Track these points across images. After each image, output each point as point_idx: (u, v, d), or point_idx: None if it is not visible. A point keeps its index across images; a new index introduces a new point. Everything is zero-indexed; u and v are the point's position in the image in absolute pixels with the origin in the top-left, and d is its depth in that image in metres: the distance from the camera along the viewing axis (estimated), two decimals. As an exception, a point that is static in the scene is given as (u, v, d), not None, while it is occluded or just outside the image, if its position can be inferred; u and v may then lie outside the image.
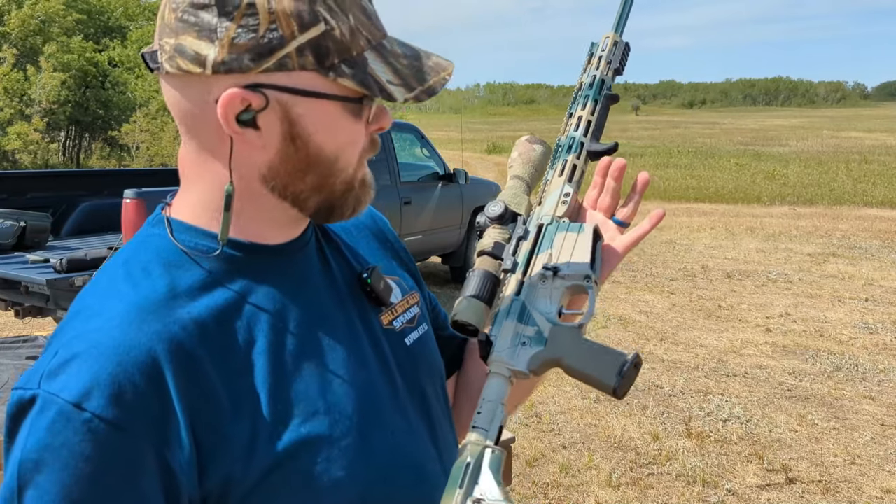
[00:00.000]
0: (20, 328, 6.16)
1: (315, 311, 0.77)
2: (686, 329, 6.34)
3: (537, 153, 0.93)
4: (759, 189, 16.59)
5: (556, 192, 0.89)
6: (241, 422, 0.67)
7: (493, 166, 22.02)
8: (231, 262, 0.73)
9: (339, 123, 0.70)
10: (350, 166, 0.73)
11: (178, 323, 0.67)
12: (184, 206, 0.75)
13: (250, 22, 0.64)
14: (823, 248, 10.09)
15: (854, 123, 50.72)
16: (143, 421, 0.62)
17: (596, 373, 0.75)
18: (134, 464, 0.62)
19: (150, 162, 18.29)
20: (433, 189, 7.36)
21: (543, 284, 0.82)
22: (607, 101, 0.93)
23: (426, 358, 0.89)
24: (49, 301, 4.45)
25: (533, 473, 3.79)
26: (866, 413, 4.58)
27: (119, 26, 24.37)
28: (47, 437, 0.61)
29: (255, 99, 0.66)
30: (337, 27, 0.66)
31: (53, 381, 0.62)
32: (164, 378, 0.64)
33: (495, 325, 0.81)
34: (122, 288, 0.69)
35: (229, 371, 0.68)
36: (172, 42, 0.66)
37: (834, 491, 3.63)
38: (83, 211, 5.99)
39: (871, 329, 6.33)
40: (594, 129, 0.92)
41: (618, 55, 0.95)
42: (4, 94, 17.95)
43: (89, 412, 0.61)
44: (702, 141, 33.67)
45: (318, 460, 0.70)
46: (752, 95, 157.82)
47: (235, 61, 0.65)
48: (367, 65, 0.68)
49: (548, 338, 0.78)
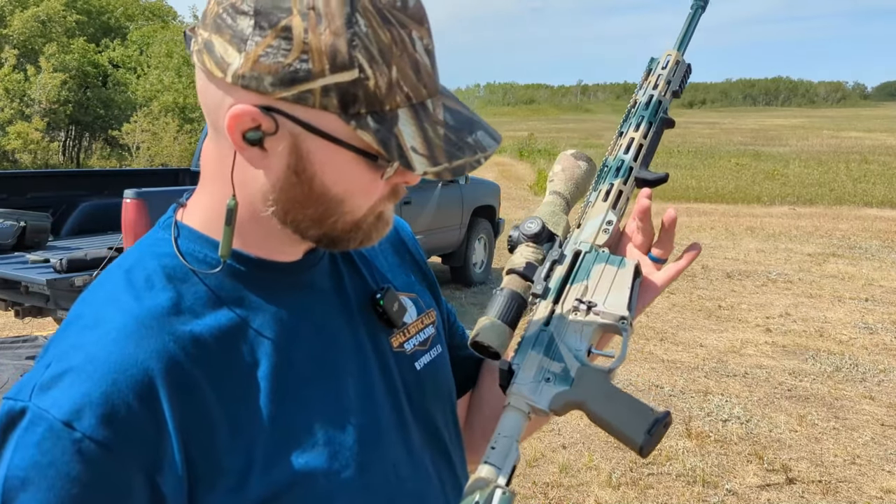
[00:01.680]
0: (20, 328, 6.16)
1: (323, 332, 0.74)
2: (686, 329, 6.34)
3: (581, 170, 0.87)
4: (759, 189, 16.59)
5: (598, 218, 0.83)
6: (237, 449, 0.64)
7: (494, 166, 22.02)
8: (237, 278, 0.70)
9: (351, 171, 0.65)
10: (359, 211, 0.68)
11: (177, 341, 0.64)
12: (197, 210, 0.73)
13: (282, 45, 0.60)
14: (823, 248, 10.09)
15: (854, 123, 50.73)
16: (134, 443, 0.60)
17: (623, 427, 0.72)
18: (122, 487, 0.60)
19: (150, 162, 18.29)
20: (433, 189, 7.36)
21: (575, 318, 0.77)
22: (662, 126, 0.87)
23: (436, 383, 0.85)
24: (49, 301, 4.45)
25: (533, 473, 3.79)
26: (866, 413, 4.58)
27: (119, 26, 24.37)
28: (35, 455, 0.59)
29: (266, 122, 0.63)
30: (373, 77, 0.61)
31: (45, 395, 0.60)
32: (159, 399, 0.61)
33: (519, 353, 0.76)
34: (122, 298, 0.66)
35: (228, 395, 0.65)
36: (206, 36, 0.64)
37: (834, 491, 3.63)
38: (83, 211, 5.99)
39: (871, 329, 6.33)
40: (645, 153, 0.86)
41: (678, 76, 0.90)
42: (5, 95, 17.96)
43: (80, 432, 0.58)
44: (702, 141, 33.67)
45: (315, 495, 0.67)
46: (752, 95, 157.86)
47: (255, 80, 0.61)
48: (397, 124, 0.62)
49: (574, 378, 0.74)
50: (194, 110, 19.76)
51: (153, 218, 4.38)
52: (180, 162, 16.77)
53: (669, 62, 0.89)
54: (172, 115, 19.08)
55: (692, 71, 0.91)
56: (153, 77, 20.77)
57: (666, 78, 0.89)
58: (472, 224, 7.90)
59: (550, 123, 56.43)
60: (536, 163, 23.26)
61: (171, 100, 19.73)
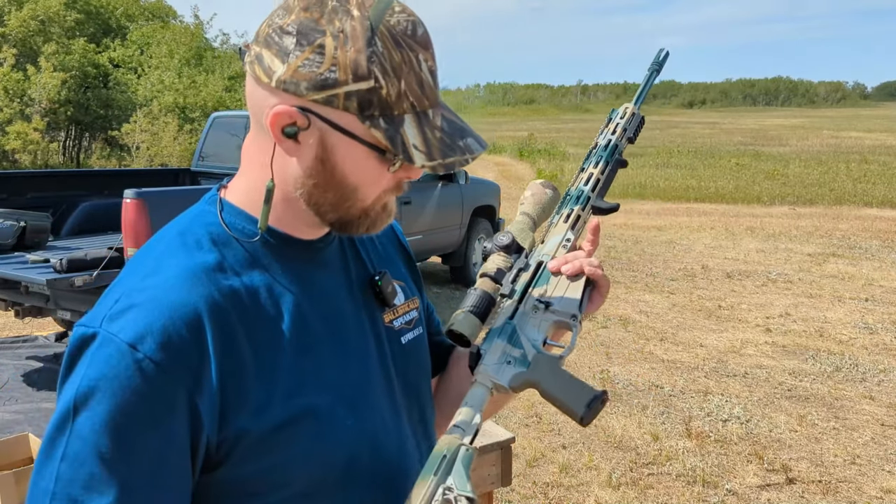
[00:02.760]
0: (20, 328, 6.16)
1: (332, 301, 0.89)
2: (686, 329, 6.34)
3: (547, 197, 1.03)
4: (759, 189, 16.59)
5: (559, 236, 0.99)
6: (260, 384, 0.79)
7: (493, 166, 22.02)
8: (268, 248, 0.86)
9: (366, 163, 0.80)
10: (368, 198, 0.83)
11: (220, 291, 0.79)
12: (237, 190, 0.88)
13: (316, 59, 0.76)
14: (823, 248, 10.09)
15: (854, 123, 50.70)
16: (183, 367, 0.74)
17: (568, 402, 0.85)
18: (170, 401, 0.74)
19: (150, 162, 18.27)
20: (433, 189, 7.35)
21: (535, 315, 0.92)
22: (616, 165, 1.04)
23: (418, 357, 1.01)
24: (49, 301, 4.45)
25: (533, 473, 3.79)
26: (866, 413, 4.58)
27: (119, 26, 24.36)
28: (104, 369, 0.73)
29: (301, 119, 0.78)
30: (385, 87, 0.76)
31: (114, 323, 0.74)
32: (205, 335, 0.76)
33: (487, 340, 0.91)
34: (177, 253, 0.81)
35: (257, 339, 0.80)
36: (258, 50, 0.79)
37: (834, 491, 3.63)
38: (83, 211, 5.98)
39: (871, 329, 6.33)
40: (601, 187, 1.02)
41: (633, 126, 1.07)
42: (4, 95, 17.94)
43: (142, 353, 0.72)
44: (702, 141, 33.66)
45: (318, 427, 0.82)
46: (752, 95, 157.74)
47: (294, 85, 0.77)
48: (403, 126, 0.78)
49: (531, 362, 0.88)
50: (194, 110, 19.75)
51: (153, 218, 4.40)
52: (180, 162, 16.75)
53: (627, 113, 1.07)
54: (172, 115, 19.06)
55: (644, 122, 1.10)
56: (153, 77, 20.75)
57: (623, 126, 1.06)
58: (472, 224, 7.90)
59: (550, 123, 56.38)
60: (536, 163, 23.26)
61: (171, 100, 19.72)
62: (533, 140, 29.23)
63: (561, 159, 23.91)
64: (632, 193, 16.31)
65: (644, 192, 16.28)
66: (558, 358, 0.88)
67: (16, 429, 4.16)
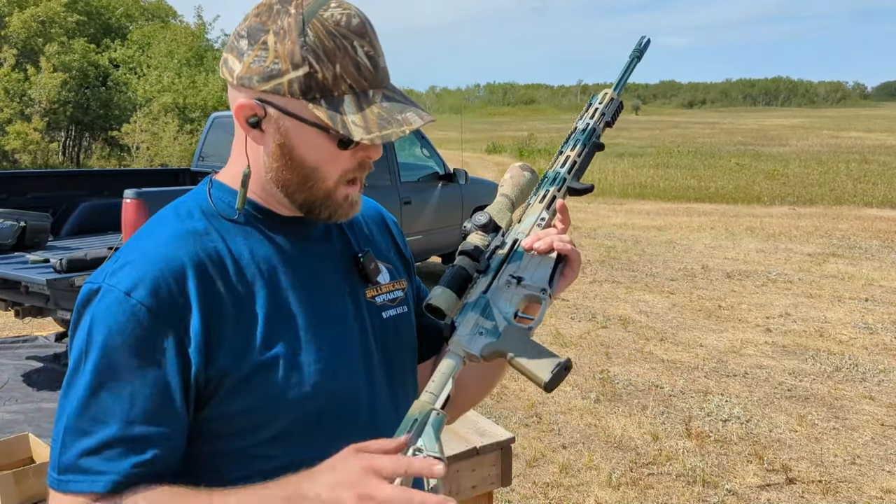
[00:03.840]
0: (20, 328, 6.16)
1: (310, 269, 0.98)
2: (686, 329, 6.34)
3: (525, 179, 1.08)
4: (759, 189, 16.59)
5: (534, 216, 1.04)
6: (240, 331, 0.89)
7: (493, 166, 22.02)
8: (251, 219, 0.97)
9: (318, 144, 0.90)
10: (330, 179, 0.93)
11: (204, 251, 0.91)
12: (226, 173, 1.00)
13: (262, 54, 0.88)
14: (823, 248, 10.09)
15: (854, 123, 50.70)
16: (170, 311, 0.86)
17: (533, 368, 0.89)
18: (160, 341, 0.86)
19: (150, 162, 18.27)
20: (433, 189, 7.35)
21: (507, 289, 0.97)
22: (593, 148, 1.08)
23: (398, 333, 1.07)
24: (49, 301, 4.45)
25: (533, 473, 3.79)
26: (866, 413, 4.58)
27: (119, 26, 24.35)
28: (105, 315, 0.86)
29: (259, 109, 0.90)
30: (320, 71, 0.87)
31: (113, 277, 0.88)
32: (188, 286, 0.88)
33: (461, 313, 0.96)
34: (170, 221, 0.94)
35: (236, 294, 0.91)
36: (225, 55, 0.92)
37: (834, 491, 3.63)
38: (83, 211, 5.98)
39: (871, 329, 6.33)
40: (577, 169, 1.07)
41: (611, 110, 1.11)
42: (4, 95, 17.93)
43: (135, 299, 0.86)
44: (702, 141, 33.66)
45: (292, 374, 0.91)
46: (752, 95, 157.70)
47: (248, 79, 0.89)
48: (342, 105, 0.88)
49: (501, 333, 0.93)
50: (194, 110, 19.75)
51: (153, 218, 4.41)
52: (180, 162, 16.75)
53: (606, 99, 1.10)
54: (172, 115, 19.04)
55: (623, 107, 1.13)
56: (153, 77, 20.74)
57: (601, 111, 1.10)
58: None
59: (550, 123, 56.36)
60: (536, 163, 23.25)
61: (171, 100, 19.71)
62: (533, 140, 29.23)
63: (561, 159, 23.88)
64: (632, 193, 16.31)
65: (644, 192, 16.28)
66: (527, 329, 0.93)
67: (16, 429, 4.16)
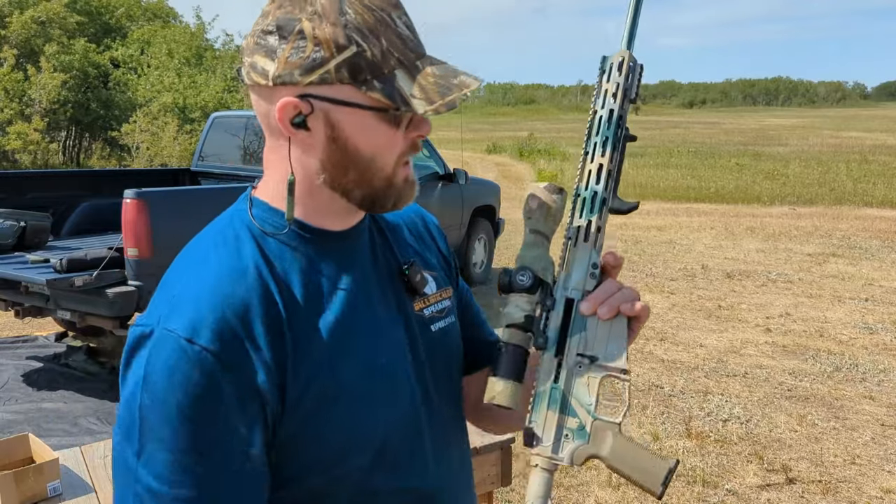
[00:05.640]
0: (20, 328, 6.16)
1: (363, 289, 0.92)
2: (686, 329, 6.34)
3: (556, 205, 0.91)
4: (759, 189, 16.58)
5: (584, 263, 0.89)
6: (303, 363, 0.83)
7: (493, 166, 22.02)
8: (300, 240, 0.89)
9: (374, 129, 0.83)
10: (388, 166, 0.86)
11: (262, 282, 0.83)
12: (265, 189, 0.92)
13: (300, 44, 0.80)
14: (823, 248, 10.09)
15: (854, 123, 50.69)
16: (238, 354, 0.78)
17: (642, 479, 0.82)
18: (233, 388, 0.78)
19: (150, 162, 18.26)
20: (433, 189, 7.35)
21: (580, 371, 0.86)
22: (625, 144, 0.91)
23: (447, 345, 1.02)
24: (49, 301, 4.45)
25: (533, 473, 3.79)
26: (866, 413, 4.58)
27: (120, 26, 24.35)
28: (166, 364, 0.76)
29: (304, 106, 0.82)
30: (368, 49, 0.80)
31: (169, 320, 0.78)
32: (253, 323, 0.80)
33: (536, 410, 0.87)
34: (220, 251, 0.86)
35: (294, 326, 0.84)
36: (249, 60, 0.84)
37: (834, 491, 3.63)
38: (83, 211, 5.98)
39: (871, 329, 6.33)
40: (615, 180, 0.91)
41: (633, 81, 0.91)
42: (4, 95, 17.92)
43: (199, 345, 0.77)
44: (702, 141, 33.65)
45: (358, 404, 0.86)
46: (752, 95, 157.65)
47: (288, 75, 0.81)
48: (396, 81, 0.81)
49: (590, 433, 0.84)
50: (194, 110, 19.74)
51: (153, 218, 4.39)
52: (180, 162, 16.74)
53: (623, 66, 0.91)
54: (172, 116, 19.03)
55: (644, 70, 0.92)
56: (153, 77, 20.73)
57: (623, 86, 0.91)
58: (472, 224, 7.89)
59: (550, 123, 56.34)
60: (536, 163, 23.25)
61: (170, 100, 19.70)
62: (533, 140, 29.21)
63: (561, 159, 23.89)
64: (632, 193, 16.30)
65: (644, 192, 16.27)
66: (618, 424, 0.84)
67: (16, 429, 4.16)
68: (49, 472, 2.00)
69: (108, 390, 4.90)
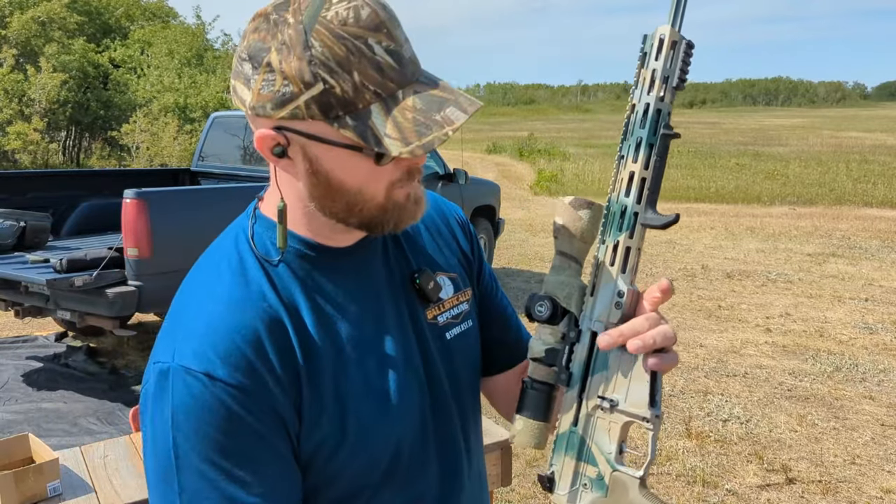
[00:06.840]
0: (20, 328, 6.16)
1: (373, 305, 0.90)
2: (686, 329, 6.34)
3: (584, 222, 0.81)
4: (759, 189, 16.58)
5: (609, 290, 0.79)
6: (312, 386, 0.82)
7: (493, 166, 22.01)
8: (307, 260, 0.87)
9: (353, 165, 0.79)
10: (379, 194, 0.81)
11: (271, 307, 0.82)
12: (268, 205, 0.89)
13: (269, 77, 0.76)
14: (823, 248, 10.09)
15: (854, 123, 50.68)
16: (257, 383, 0.78)
17: None
18: (258, 417, 0.77)
19: (150, 162, 18.26)
20: (433, 189, 7.34)
21: (601, 416, 0.79)
22: (667, 143, 0.77)
23: (463, 352, 0.99)
24: (49, 301, 4.45)
25: (533, 473, 3.78)
26: (866, 413, 4.58)
27: (120, 26, 24.35)
28: (189, 400, 0.76)
29: (280, 138, 0.79)
30: (337, 85, 0.74)
31: (184, 357, 0.77)
32: (266, 350, 0.79)
33: (555, 454, 0.82)
34: (224, 277, 0.84)
35: (305, 349, 0.82)
36: (232, 83, 0.81)
37: (834, 491, 3.63)
38: (83, 211, 5.99)
39: (871, 329, 6.33)
40: (651, 189, 0.78)
41: (676, 65, 0.75)
42: (4, 95, 17.92)
43: (219, 381, 0.76)
44: (702, 141, 33.65)
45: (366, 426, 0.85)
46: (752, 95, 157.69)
47: (262, 108, 0.78)
48: (370, 118, 0.75)
49: (609, 486, 0.78)
50: (194, 111, 19.74)
51: (153, 218, 4.39)
52: (180, 162, 16.74)
53: (665, 47, 0.75)
54: (172, 115, 19.04)
55: (694, 48, 0.74)
56: (153, 77, 20.74)
57: (662, 74, 0.75)
58: (472, 224, 7.88)
59: (550, 123, 56.34)
60: (536, 163, 23.25)
61: (171, 100, 19.70)
62: (533, 140, 29.20)
63: (561, 159, 23.90)
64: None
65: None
66: (640, 478, 0.77)
67: (16, 429, 4.16)
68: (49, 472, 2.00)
69: (108, 390, 4.90)
